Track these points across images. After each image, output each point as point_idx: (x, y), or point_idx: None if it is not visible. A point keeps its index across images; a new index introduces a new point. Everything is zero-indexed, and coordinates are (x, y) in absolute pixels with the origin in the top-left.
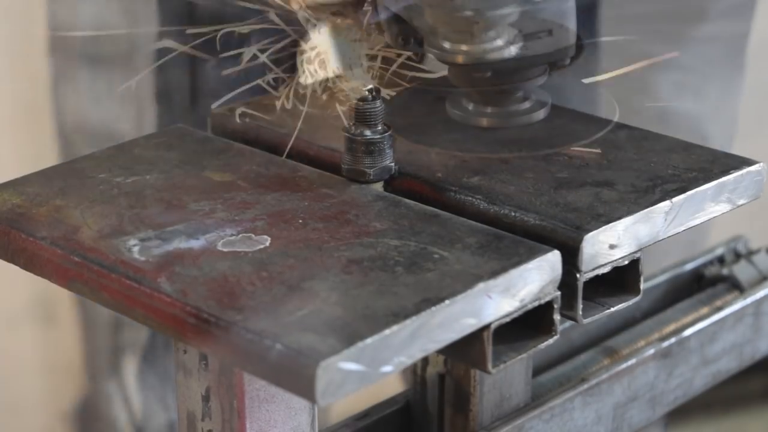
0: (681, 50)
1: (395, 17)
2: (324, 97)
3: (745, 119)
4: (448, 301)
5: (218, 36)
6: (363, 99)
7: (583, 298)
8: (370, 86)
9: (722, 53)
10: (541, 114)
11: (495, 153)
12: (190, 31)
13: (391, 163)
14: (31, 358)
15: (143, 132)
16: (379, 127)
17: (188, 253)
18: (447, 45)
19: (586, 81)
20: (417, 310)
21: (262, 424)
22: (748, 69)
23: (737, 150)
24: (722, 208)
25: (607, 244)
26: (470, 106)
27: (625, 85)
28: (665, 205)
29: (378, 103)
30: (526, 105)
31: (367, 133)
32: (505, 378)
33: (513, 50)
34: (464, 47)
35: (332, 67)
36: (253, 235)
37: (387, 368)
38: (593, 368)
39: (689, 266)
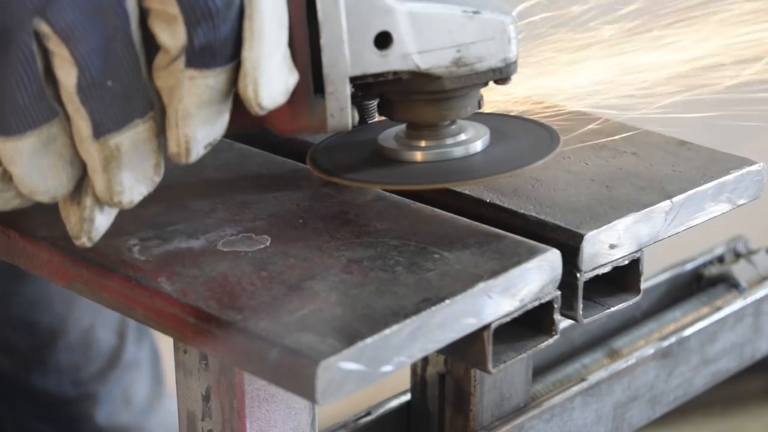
0: None
1: None
2: None
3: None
4: (448, 301)
5: None
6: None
7: (583, 298)
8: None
9: None
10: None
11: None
12: None
13: None
14: None
15: None
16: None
17: (188, 252)
18: None
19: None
20: (417, 310)
21: (262, 424)
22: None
23: (737, 150)
24: (722, 208)
25: (607, 244)
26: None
27: None
28: (665, 205)
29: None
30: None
31: None
32: (505, 378)
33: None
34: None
35: None
36: (253, 235)
37: (387, 368)
38: (592, 368)
39: (689, 266)
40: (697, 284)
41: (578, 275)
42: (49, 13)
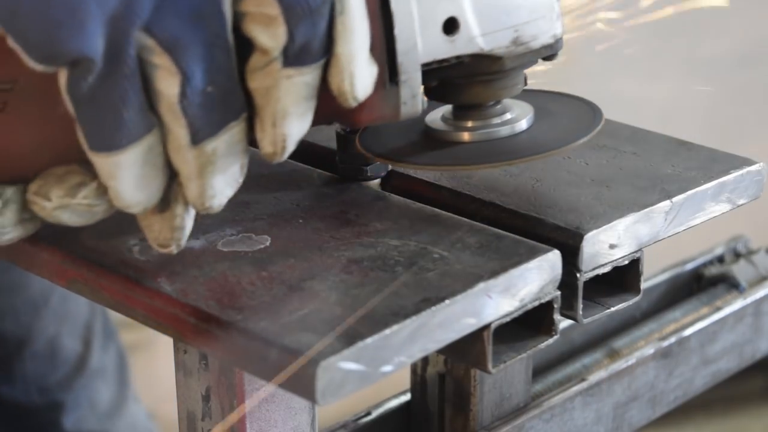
0: None
1: None
2: None
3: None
4: (448, 301)
5: None
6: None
7: (583, 298)
8: None
9: None
10: (523, 124)
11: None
12: None
13: None
14: None
15: None
16: None
17: (188, 252)
18: None
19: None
20: (417, 309)
21: (262, 424)
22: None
23: (737, 150)
24: (722, 208)
25: (607, 244)
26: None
27: None
28: (665, 204)
29: None
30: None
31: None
32: (505, 378)
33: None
34: None
35: None
36: (253, 235)
37: (387, 368)
38: (592, 368)
39: (689, 266)
40: (697, 284)
41: (578, 275)
42: (153, 26)
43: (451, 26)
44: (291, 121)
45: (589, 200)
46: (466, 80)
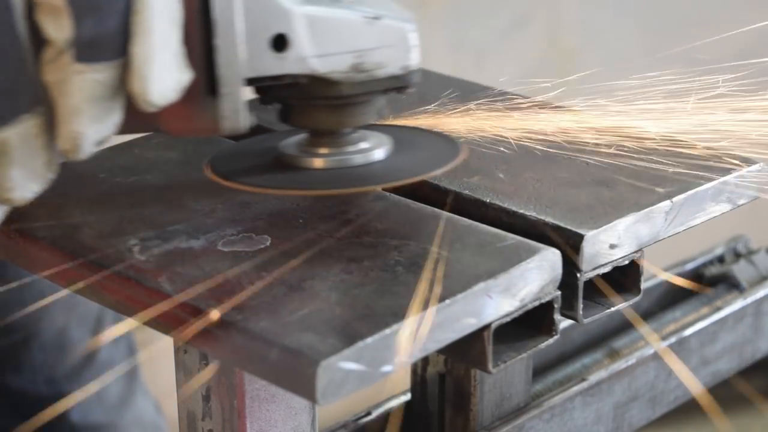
0: None
1: None
2: None
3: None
4: (448, 301)
5: None
6: None
7: (583, 298)
8: None
9: None
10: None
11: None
12: None
13: None
14: None
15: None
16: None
17: (188, 252)
18: None
19: None
20: (417, 309)
21: (262, 424)
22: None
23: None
24: (722, 208)
25: (607, 244)
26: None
27: None
28: (665, 204)
29: None
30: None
31: None
32: (505, 378)
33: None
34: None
35: None
36: (253, 235)
37: (387, 368)
38: (593, 368)
39: (689, 266)
40: (697, 284)
41: (578, 275)
42: None
43: (280, 43)
44: (83, 119)
45: (589, 200)
46: (306, 103)
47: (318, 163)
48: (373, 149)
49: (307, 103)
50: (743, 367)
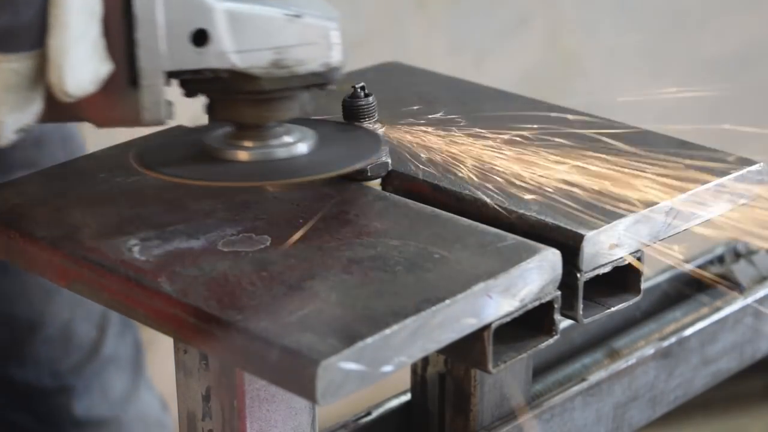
0: None
1: None
2: None
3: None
4: (448, 301)
5: None
6: (354, 96)
7: (584, 298)
8: (362, 84)
9: None
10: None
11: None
12: None
13: (387, 159)
14: None
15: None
16: (372, 124)
17: (188, 252)
18: None
19: None
20: (417, 310)
21: (262, 424)
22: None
23: (737, 150)
24: (722, 208)
25: (607, 244)
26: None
27: None
28: (665, 205)
29: (370, 99)
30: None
31: None
32: (505, 378)
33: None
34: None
35: None
36: (253, 235)
37: (387, 368)
38: (593, 368)
39: (689, 266)
40: (697, 284)
41: (578, 275)
42: None
43: (201, 38)
44: (1, 108)
45: (589, 200)
46: (228, 97)
47: (242, 156)
48: (297, 143)
49: (230, 97)
50: (743, 367)
